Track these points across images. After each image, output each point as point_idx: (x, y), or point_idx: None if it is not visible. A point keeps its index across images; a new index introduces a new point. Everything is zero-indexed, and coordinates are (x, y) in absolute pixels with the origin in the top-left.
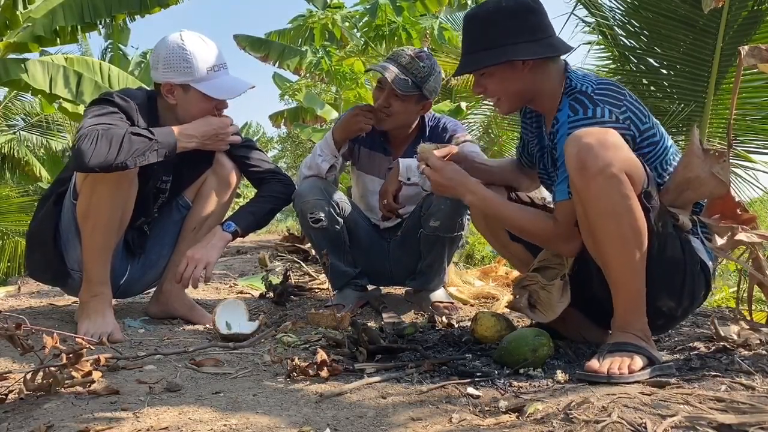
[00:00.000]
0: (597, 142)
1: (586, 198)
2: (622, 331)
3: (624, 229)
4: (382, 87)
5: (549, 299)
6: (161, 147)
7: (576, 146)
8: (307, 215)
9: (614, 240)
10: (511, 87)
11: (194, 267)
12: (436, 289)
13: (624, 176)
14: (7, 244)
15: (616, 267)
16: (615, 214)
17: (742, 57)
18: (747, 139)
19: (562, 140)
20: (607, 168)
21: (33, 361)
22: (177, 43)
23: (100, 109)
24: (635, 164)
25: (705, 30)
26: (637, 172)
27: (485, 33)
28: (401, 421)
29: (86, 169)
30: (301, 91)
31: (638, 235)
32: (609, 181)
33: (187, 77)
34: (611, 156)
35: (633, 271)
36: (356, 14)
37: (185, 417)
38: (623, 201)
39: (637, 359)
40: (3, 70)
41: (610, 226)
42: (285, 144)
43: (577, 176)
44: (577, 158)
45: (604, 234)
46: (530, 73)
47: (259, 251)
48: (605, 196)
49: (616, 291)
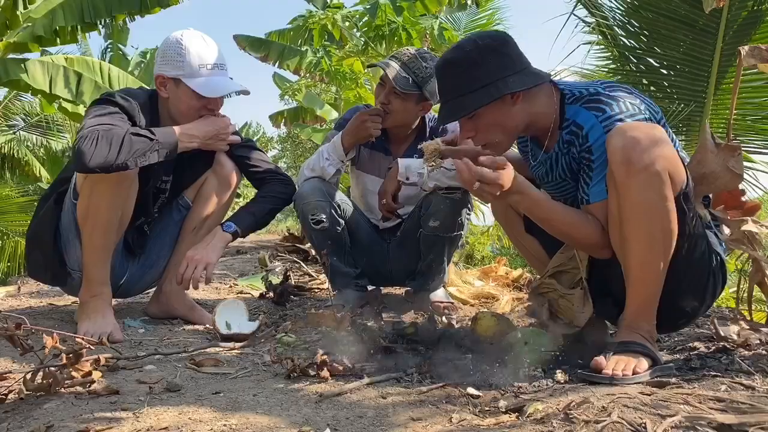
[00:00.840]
0: (645, 136)
1: (625, 192)
2: (630, 330)
3: (655, 229)
4: (384, 84)
5: (570, 309)
6: (162, 147)
7: (622, 139)
8: (309, 217)
9: (642, 239)
10: (508, 123)
11: (194, 268)
12: (435, 289)
13: (666, 176)
14: (7, 244)
15: (637, 266)
16: (650, 212)
17: (742, 57)
18: (747, 139)
19: (597, 143)
20: (652, 165)
21: (33, 361)
22: (176, 38)
23: (101, 109)
24: (678, 164)
25: (705, 30)
26: (679, 173)
27: (470, 74)
28: (401, 421)
29: (87, 169)
30: (301, 91)
31: (667, 237)
32: (651, 179)
33: (178, 71)
34: (657, 153)
35: (654, 273)
36: (356, 14)
37: (185, 417)
38: (661, 201)
39: (643, 361)
40: (3, 70)
41: (641, 223)
42: (285, 144)
43: (620, 170)
44: (623, 152)
45: (633, 231)
46: (523, 105)
47: (259, 251)
48: (644, 193)
49: (633, 290)
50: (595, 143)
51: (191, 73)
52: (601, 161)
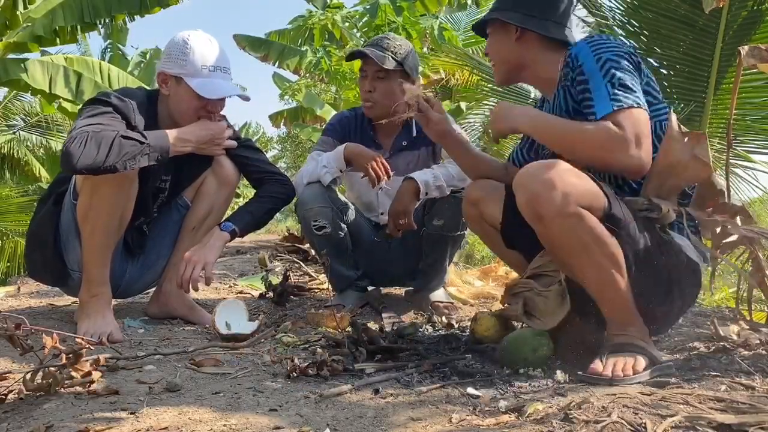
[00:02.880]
0: (544, 185)
1: (552, 241)
2: (620, 332)
3: (597, 258)
4: (366, 74)
5: (546, 306)
6: (153, 151)
7: (525, 195)
8: (311, 223)
9: (590, 271)
10: (501, 52)
11: (193, 268)
12: (436, 289)
13: (582, 210)
14: (6, 244)
15: (598, 290)
16: (584, 248)
17: (742, 57)
18: (747, 139)
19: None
20: (563, 209)
21: (33, 361)
22: (183, 38)
23: (93, 109)
24: (590, 192)
25: (705, 30)
26: (595, 200)
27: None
28: (401, 421)
29: (74, 171)
30: (300, 91)
31: (613, 259)
32: (569, 222)
33: (181, 69)
34: (562, 195)
35: (617, 290)
36: (356, 14)
37: (185, 417)
38: (589, 235)
39: (640, 360)
40: (3, 70)
41: (582, 259)
42: (285, 144)
43: (536, 225)
44: (529, 208)
45: (578, 267)
46: (518, 45)
47: (259, 251)
48: (569, 235)
49: (605, 307)
50: (585, 62)
51: (193, 72)
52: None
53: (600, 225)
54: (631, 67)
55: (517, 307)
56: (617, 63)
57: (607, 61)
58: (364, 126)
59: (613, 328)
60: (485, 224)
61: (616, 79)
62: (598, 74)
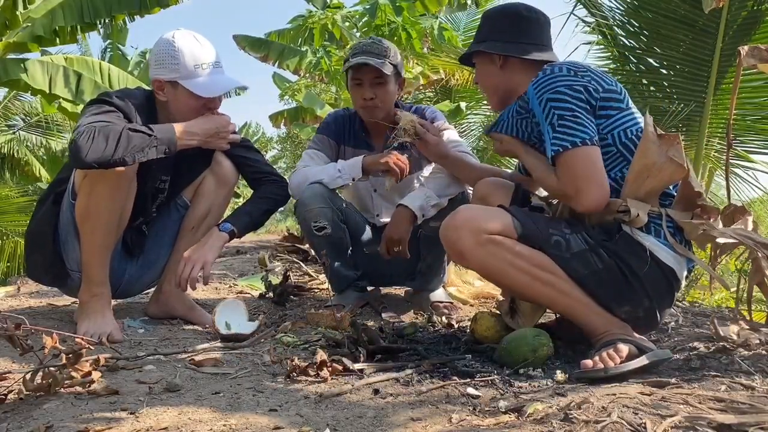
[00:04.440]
0: (454, 228)
1: (483, 274)
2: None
3: (531, 272)
4: (362, 82)
5: (524, 307)
6: (161, 143)
7: (445, 243)
8: (311, 224)
9: (531, 285)
10: (488, 80)
11: (191, 267)
12: (435, 289)
13: (494, 236)
14: (6, 244)
15: (551, 303)
16: (511, 265)
17: (741, 57)
18: (747, 139)
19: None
20: (476, 239)
21: (32, 361)
22: (167, 40)
23: (98, 108)
24: (497, 220)
25: (705, 30)
26: (503, 226)
27: (482, 25)
28: (401, 421)
29: (84, 164)
30: (300, 91)
31: (547, 268)
32: (485, 248)
33: (174, 74)
34: (470, 230)
35: (567, 296)
36: (356, 14)
37: (185, 417)
38: (509, 254)
39: (620, 345)
40: (3, 70)
41: (517, 277)
42: (285, 144)
43: (462, 263)
44: (452, 251)
45: (518, 288)
46: (504, 71)
47: (259, 251)
48: (492, 260)
49: (569, 317)
50: (533, 106)
51: (188, 74)
52: (541, 119)
53: (517, 243)
54: (573, 97)
55: (505, 304)
56: (556, 102)
57: (548, 102)
58: (357, 127)
59: (592, 335)
60: None
61: (556, 120)
62: (542, 116)
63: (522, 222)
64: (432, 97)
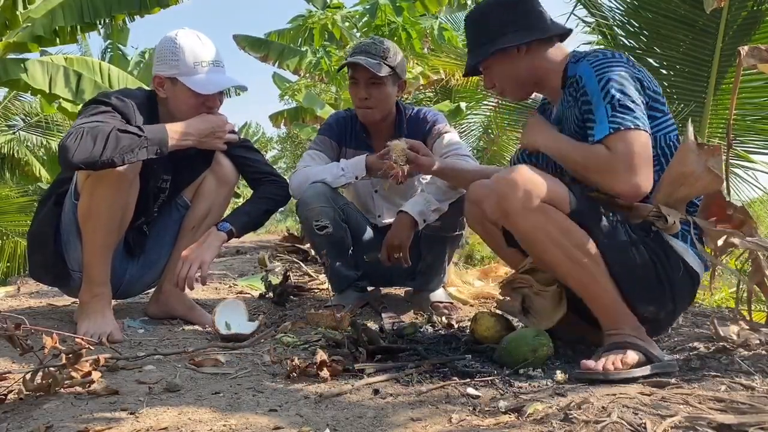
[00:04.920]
0: (507, 185)
1: (522, 239)
2: (613, 331)
3: (569, 250)
4: (357, 82)
5: (543, 306)
6: (151, 144)
7: (492, 198)
8: (313, 223)
9: (564, 263)
10: (511, 74)
11: (189, 267)
12: (435, 290)
13: (545, 205)
14: (6, 244)
15: (579, 286)
16: (553, 241)
17: (741, 57)
18: (747, 139)
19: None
20: (527, 204)
21: (32, 361)
22: (170, 38)
23: (92, 109)
24: (553, 189)
25: (705, 30)
26: (559, 196)
27: (479, 29)
28: (401, 421)
29: (71, 165)
30: (300, 91)
31: (585, 251)
32: (534, 216)
33: (174, 70)
34: (524, 192)
35: (597, 283)
36: (356, 14)
37: (185, 417)
38: (556, 227)
39: (630, 353)
40: (3, 70)
41: (554, 252)
42: (285, 144)
43: (505, 223)
44: (497, 209)
45: (554, 263)
46: (527, 58)
47: (259, 251)
48: (537, 229)
49: (590, 304)
50: (588, 83)
51: (187, 71)
52: (597, 98)
53: (567, 219)
54: (633, 84)
55: (516, 303)
56: (618, 83)
57: (609, 81)
58: (357, 128)
59: (606, 327)
60: (487, 223)
61: (616, 100)
62: (599, 95)
63: (578, 198)
64: (432, 98)
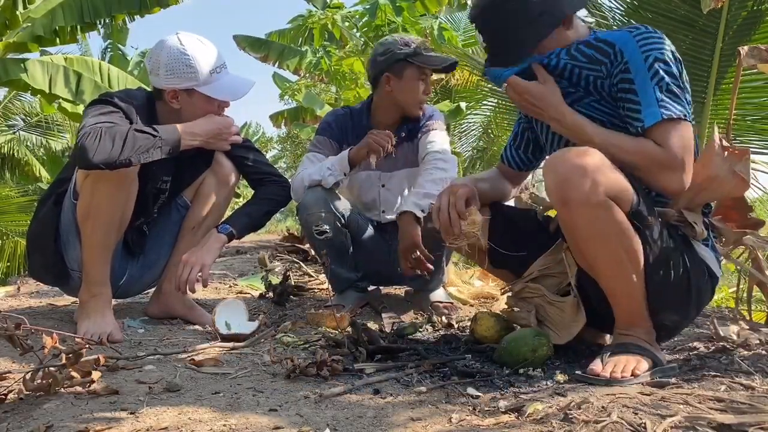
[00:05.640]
0: (575, 170)
1: (574, 230)
2: (625, 333)
3: (616, 250)
4: (427, 78)
5: (561, 318)
6: (165, 144)
7: (554, 178)
8: (312, 228)
9: (607, 263)
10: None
11: (190, 270)
12: (435, 289)
13: (609, 202)
14: (6, 244)
15: (613, 286)
16: (605, 239)
17: (741, 57)
18: (747, 139)
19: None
20: (591, 197)
21: (32, 361)
22: (177, 48)
23: (101, 108)
24: (620, 184)
25: (705, 30)
26: (624, 193)
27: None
28: (401, 421)
29: (91, 165)
30: (300, 91)
31: (632, 255)
32: (594, 211)
33: (192, 82)
34: (592, 183)
35: (631, 287)
36: (356, 14)
37: (185, 417)
38: (613, 227)
39: (643, 362)
40: (3, 70)
41: (601, 251)
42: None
43: (561, 209)
44: (557, 191)
45: (595, 257)
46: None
47: (259, 251)
48: (593, 224)
49: (616, 304)
50: (632, 59)
51: (206, 80)
52: (643, 77)
53: (625, 219)
54: (678, 70)
55: (529, 315)
56: (666, 65)
57: (656, 60)
58: (362, 124)
59: (619, 326)
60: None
61: (665, 83)
62: (645, 72)
63: (640, 198)
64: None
